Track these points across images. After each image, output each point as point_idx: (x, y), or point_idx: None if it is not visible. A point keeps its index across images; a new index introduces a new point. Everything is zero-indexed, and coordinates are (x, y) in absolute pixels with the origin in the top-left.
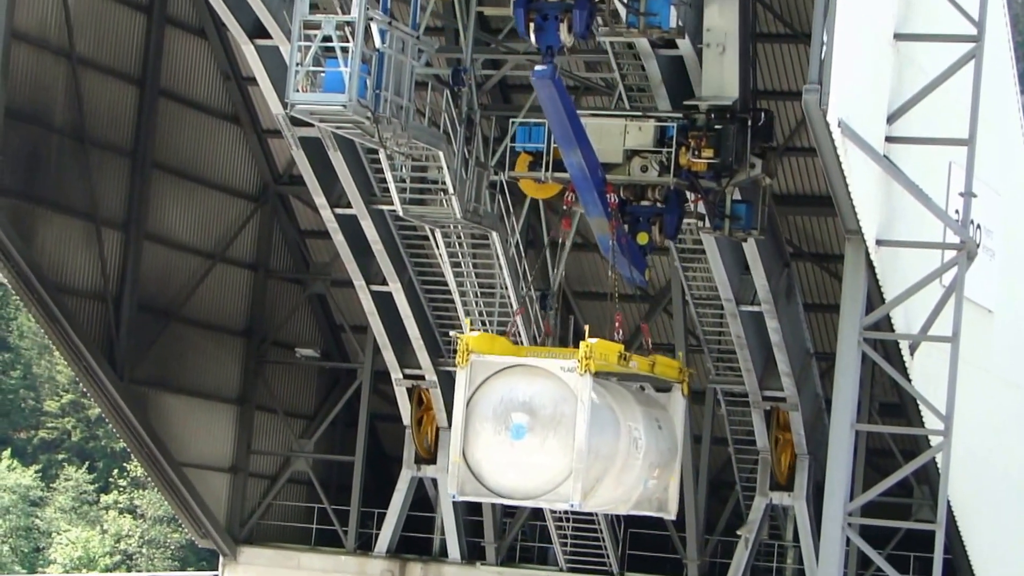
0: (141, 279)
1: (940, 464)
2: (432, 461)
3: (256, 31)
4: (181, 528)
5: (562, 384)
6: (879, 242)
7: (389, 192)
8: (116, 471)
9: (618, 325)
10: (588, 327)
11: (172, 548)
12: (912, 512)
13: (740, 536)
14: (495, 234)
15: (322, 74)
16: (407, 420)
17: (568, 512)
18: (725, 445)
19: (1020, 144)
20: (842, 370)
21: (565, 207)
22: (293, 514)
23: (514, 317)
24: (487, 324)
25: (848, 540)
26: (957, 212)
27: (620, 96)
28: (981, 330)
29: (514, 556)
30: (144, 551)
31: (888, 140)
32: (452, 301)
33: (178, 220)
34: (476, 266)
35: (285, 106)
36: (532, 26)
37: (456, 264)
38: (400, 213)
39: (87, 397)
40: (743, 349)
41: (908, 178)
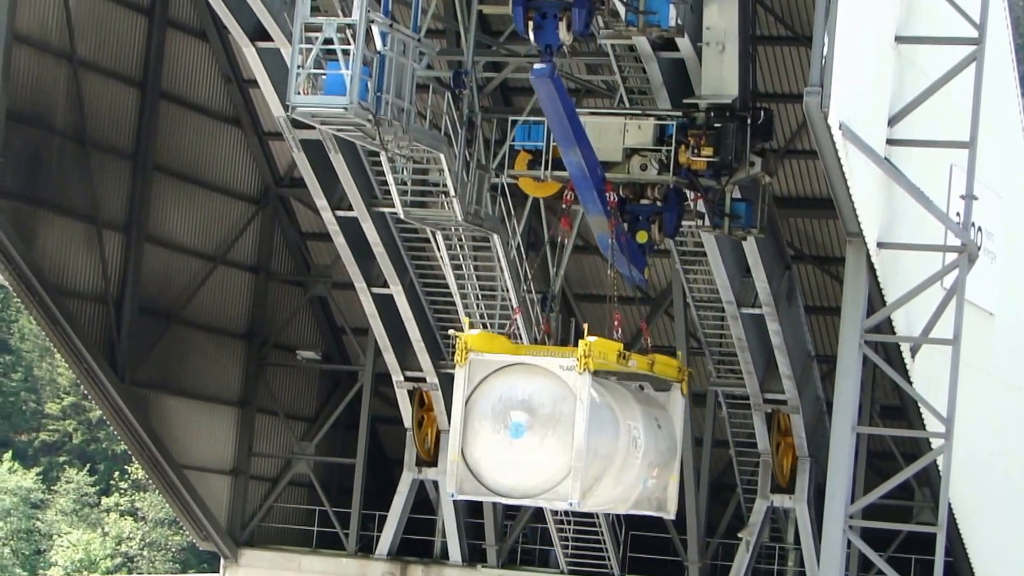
0: (142, 281)
1: (941, 466)
2: (433, 463)
3: (257, 33)
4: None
5: (561, 383)
6: (880, 244)
7: (390, 194)
8: (117, 473)
9: (617, 324)
10: (587, 325)
11: (173, 550)
12: (913, 515)
13: (741, 538)
14: (496, 237)
15: (323, 76)
16: (408, 422)
17: (569, 514)
18: (726, 447)
19: (1021, 146)
20: (843, 372)
21: (564, 206)
22: (294, 516)
23: (514, 315)
24: (488, 326)
25: (849, 543)
26: (958, 215)
27: (621, 99)
28: (982, 333)
29: (515, 558)
30: (145, 553)
31: (889, 142)
32: (453, 303)
33: (179, 222)
34: (477, 268)
35: (286, 108)
36: (531, 24)
37: (457, 266)
38: (401, 215)
39: (88, 399)
40: (744, 351)
41: (909, 181)
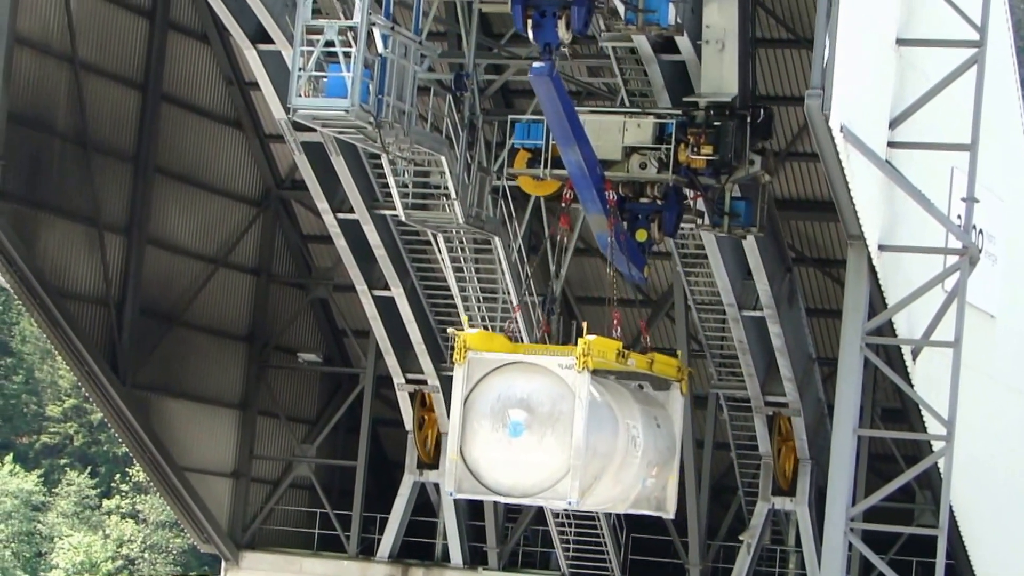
0: (143, 284)
1: (942, 469)
2: (434, 466)
3: (259, 36)
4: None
5: (560, 381)
6: (881, 247)
7: (391, 196)
8: (118, 476)
9: (616, 323)
10: (587, 323)
11: (174, 553)
12: (914, 517)
13: (742, 541)
14: (497, 239)
15: (324, 79)
16: (409, 425)
17: (570, 516)
18: (727, 450)
19: (1022, 149)
20: (844, 375)
21: (563, 204)
22: (295, 519)
23: (513, 314)
24: (489, 329)
25: (850, 545)
26: (959, 217)
27: (622, 101)
28: (983, 335)
29: (516, 561)
30: (146, 556)
31: (890, 145)
32: (454, 306)
33: (180, 225)
34: (478, 271)
35: (287, 111)
36: (530, 23)
37: (458, 269)
38: (402, 218)
39: (89, 402)
40: (745, 354)
41: (910, 183)
